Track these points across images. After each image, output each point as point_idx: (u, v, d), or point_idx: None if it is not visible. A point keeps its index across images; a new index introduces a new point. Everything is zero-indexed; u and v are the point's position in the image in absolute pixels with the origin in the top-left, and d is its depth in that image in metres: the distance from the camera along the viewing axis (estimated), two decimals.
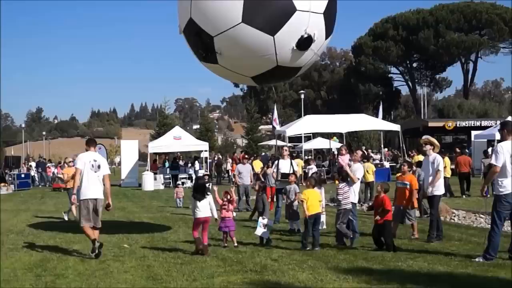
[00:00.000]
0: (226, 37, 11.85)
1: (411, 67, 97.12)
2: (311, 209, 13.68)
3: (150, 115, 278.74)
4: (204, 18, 12.08)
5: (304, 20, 11.87)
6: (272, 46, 11.91)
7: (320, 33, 12.39)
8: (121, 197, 33.85)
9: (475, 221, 18.46)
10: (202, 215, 13.47)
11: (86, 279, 10.62)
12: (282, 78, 15.08)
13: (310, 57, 12.85)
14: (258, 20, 11.66)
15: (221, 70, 13.21)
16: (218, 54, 12.23)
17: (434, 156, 14.98)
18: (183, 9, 12.74)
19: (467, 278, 10.17)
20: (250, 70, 12.89)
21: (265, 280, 10.27)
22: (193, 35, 12.55)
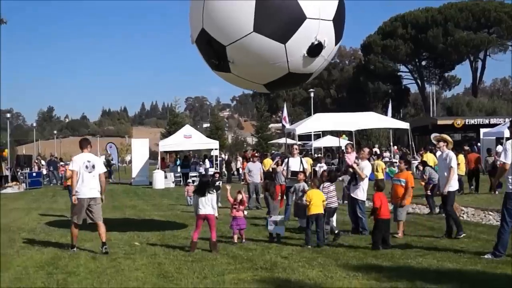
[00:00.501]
0: (238, 46, 11.95)
1: (420, 65, 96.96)
2: (313, 209, 13.83)
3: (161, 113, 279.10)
4: (216, 28, 12.19)
5: (314, 28, 11.99)
6: (284, 54, 12.02)
7: (330, 40, 12.50)
8: (132, 195, 33.94)
9: (484, 218, 18.40)
10: (203, 212, 13.56)
11: (97, 277, 10.63)
12: (294, 84, 15.29)
13: (320, 63, 12.96)
14: (269, 29, 11.78)
15: (234, 78, 13.31)
16: (230, 63, 12.34)
17: (447, 152, 14.92)
18: (195, 20, 12.81)
19: (476, 275, 10.14)
20: (262, 77, 12.99)
21: (275, 278, 10.27)
22: (205, 44, 12.65)
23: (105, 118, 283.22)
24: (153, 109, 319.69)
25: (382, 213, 13.59)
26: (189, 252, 13.11)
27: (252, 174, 23.67)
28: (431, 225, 17.08)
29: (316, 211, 13.82)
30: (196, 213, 13.73)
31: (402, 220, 15.14)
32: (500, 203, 11.99)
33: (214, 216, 13.74)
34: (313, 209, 13.81)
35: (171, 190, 38.32)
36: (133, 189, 40.36)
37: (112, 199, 31.05)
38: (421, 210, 21.29)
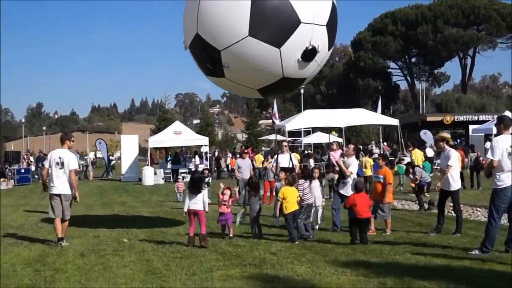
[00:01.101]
0: (233, 50, 11.96)
1: (409, 62, 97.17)
2: (289, 207, 13.98)
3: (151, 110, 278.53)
4: (211, 32, 12.18)
5: (308, 32, 12.05)
6: (278, 58, 12.04)
7: (324, 45, 12.56)
8: (121, 192, 33.88)
9: (472, 215, 18.50)
10: (193, 207, 13.66)
11: (85, 274, 10.60)
12: (287, 89, 15.22)
13: (314, 68, 13.00)
14: (264, 33, 11.80)
15: (228, 84, 13.32)
16: (225, 68, 12.34)
17: (448, 150, 14.91)
18: (189, 25, 12.80)
19: (463, 271, 10.17)
20: (256, 82, 13.00)
21: (263, 274, 10.26)
22: (200, 50, 12.62)
23: (94, 114, 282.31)
24: (143, 105, 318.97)
25: (360, 213, 13.65)
26: (188, 246, 13.19)
27: (242, 170, 23.62)
28: (420, 221, 17.14)
29: (293, 209, 14.02)
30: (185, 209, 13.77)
31: (387, 218, 15.13)
32: (488, 200, 12.03)
33: (204, 211, 13.80)
34: (289, 207, 13.99)
35: (161, 186, 38.29)
36: (122, 185, 40.30)
37: (101, 196, 31.04)
38: (410, 207, 21.36)
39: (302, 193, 14.68)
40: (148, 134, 77.26)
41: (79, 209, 22.41)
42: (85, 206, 24.64)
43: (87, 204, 25.66)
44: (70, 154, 14.30)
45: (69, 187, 14.12)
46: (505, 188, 11.50)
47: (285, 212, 14.02)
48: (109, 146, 67.97)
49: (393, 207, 21.13)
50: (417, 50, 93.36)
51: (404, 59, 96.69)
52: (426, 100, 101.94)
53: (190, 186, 14.05)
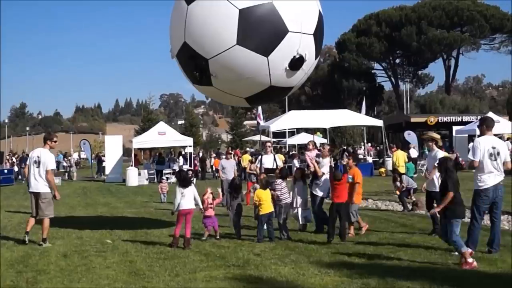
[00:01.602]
0: (221, 59, 12.00)
1: (394, 63, 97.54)
2: (264, 209, 14.15)
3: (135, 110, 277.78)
4: (199, 41, 12.20)
5: (296, 41, 12.13)
6: (266, 67, 12.09)
7: (311, 53, 12.64)
8: (105, 193, 33.76)
9: None
10: (186, 206, 13.63)
11: (67, 275, 10.55)
12: (274, 98, 15.23)
13: (301, 76, 13.06)
14: (252, 42, 11.85)
15: (215, 92, 13.34)
16: (213, 77, 12.40)
17: (435, 151, 14.90)
18: (176, 34, 12.81)
19: (447, 271, 10.21)
20: (244, 91, 13.04)
21: (247, 275, 10.25)
22: (187, 58, 12.63)
23: (78, 114, 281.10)
24: (128, 105, 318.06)
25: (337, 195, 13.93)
26: (172, 248, 13.16)
27: (226, 171, 23.56)
28: (403, 222, 17.16)
29: (268, 210, 14.19)
30: (177, 209, 13.71)
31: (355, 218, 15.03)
32: (470, 201, 12.08)
33: (198, 209, 14.08)
34: (264, 209, 14.14)
35: (145, 187, 38.17)
36: (106, 186, 40.16)
37: (85, 196, 30.93)
38: (394, 207, 21.41)
39: (280, 192, 14.72)
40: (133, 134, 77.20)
41: (62, 210, 22.34)
42: (69, 206, 24.56)
43: (70, 204, 25.58)
44: (49, 154, 14.27)
45: (47, 186, 14.09)
46: (486, 189, 11.58)
47: (260, 214, 14.20)
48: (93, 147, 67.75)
49: (376, 208, 21.26)
50: (401, 51, 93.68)
51: (389, 60, 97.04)
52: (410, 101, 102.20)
53: (180, 182, 14.05)
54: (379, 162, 47.15)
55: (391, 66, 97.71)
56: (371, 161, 45.70)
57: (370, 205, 22.60)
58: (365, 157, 46.84)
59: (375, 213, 19.66)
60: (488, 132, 11.93)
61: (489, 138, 11.81)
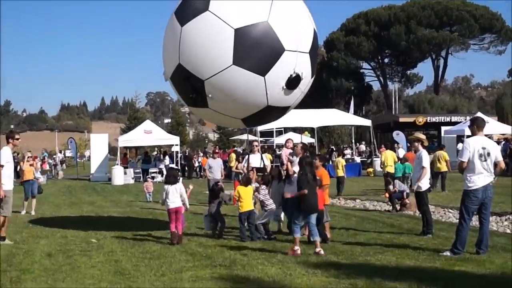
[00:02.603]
0: (217, 80, 12.06)
1: (382, 63, 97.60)
2: (244, 206, 14.27)
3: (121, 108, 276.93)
4: (194, 62, 12.26)
5: (292, 60, 12.24)
6: (263, 87, 12.15)
7: (307, 72, 12.74)
8: (90, 192, 33.70)
9: (443, 216, 18.58)
10: (173, 205, 13.80)
11: (52, 274, 10.51)
12: (271, 118, 14.94)
13: (298, 95, 13.11)
14: (249, 62, 11.94)
15: (211, 114, 13.37)
16: (209, 98, 12.40)
17: (420, 151, 15.04)
18: (170, 55, 12.82)
19: (434, 272, 10.23)
20: (240, 112, 13.10)
21: (234, 275, 10.25)
22: (182, 80, 12.61)
23: (64, 112, 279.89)
24: (113, 104, 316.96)
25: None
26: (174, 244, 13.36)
27: (213, 170, 23.52)
28: (391, 222, 17.21)
29: (247, 208, 14.31)
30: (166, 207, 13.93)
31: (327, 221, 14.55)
32: (459, 201, 12.14)
33: (183, 209, 14.14)
34: (244, 207, 14.27)
35: (130, 186, 38.13)
36: (91, 185, 40.09)
37: (70, 195, 30.86)
38: (381, 208, 21.45)
39: (264, 198, 14.66)
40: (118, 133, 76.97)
41: (47, 209, 22.33)
42: (53, 205, 24.51)
43: (55, 203, 25.52)
44: (3, 151, 14.14)
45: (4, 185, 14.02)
46: (475, 190, 11.60)
47: (240, 211, 14.31)
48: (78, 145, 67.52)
49: (364, 208, 21.31)
50: (390, 51, 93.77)
51: (377, 60, 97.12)
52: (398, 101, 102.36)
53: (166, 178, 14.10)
54: (367, 162, 47.26)
55: (380, 66, 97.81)
56: (359, 161, 45.81)
57: (358, 205, 22.68)
58: (353, 157, 46.92)
59: (362, 214, 19.71)
60: (479, 132, 11.96)
61: (479, 139, 11.84)
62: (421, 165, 14.74)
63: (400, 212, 19.75)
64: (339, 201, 24.18)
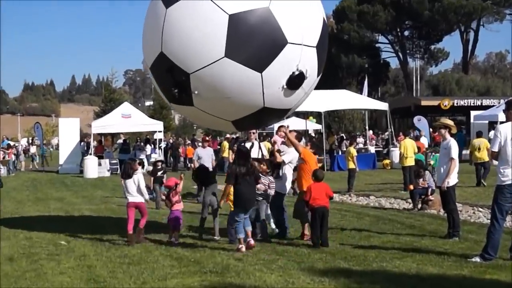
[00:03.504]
0: (205, 74, 11.85)
1: (402, 36, 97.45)
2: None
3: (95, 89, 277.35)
4: (179, 52, 12.05)
5: (296, 55, 11.98)
6: (260, 85, 11.94)
7: (313, 70, 12.51)
8: (59, 186, 33.71)
9: (472, 216, 18.58)
10: (131, 200, 14.40)
11: (14, 282, 10.55)
12: (267, 121, 15.08)
13: (300, 97, 12.92)
14: (243, 54, 11.72)
15: (196, 113, 13.20)
16: (194, 95, 12.18)
17: (448, 140, 14.78)
18: (151, 41, 12.64)
19: (461, 281, 10.25)
20: (231, 113, 12.90)
21: (227, 283, 10.29)
22: (164, 72, 12.44)
23: (27, 93, 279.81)
24: (86, 83, 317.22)
25: (318, 202, 13.72)
26: (129, 246, 13.21)
27: (202, 161, 23.58)
28: (411, 223, 17.21)
29: None
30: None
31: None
32: (491, 198, 12.11)
33: (144, 202, 14.55)
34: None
35: (106, 179, 38.12)
36: (60, 178, 40.06)
37: (35, 190, 30.88)
38: (399, 205, 21.48)
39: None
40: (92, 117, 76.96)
41: (8, 206, 22.37)
42: (15, 201, 24.54)
43: (17, 199, 25.55)
44: None
45: None
46: (510, 185, 11.53)
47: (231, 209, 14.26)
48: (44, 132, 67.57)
49: (380, 206, 21.34)
50: (410, 22, 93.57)
51: (396, 32, 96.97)
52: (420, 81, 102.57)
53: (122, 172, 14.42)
54: (383, 152, 47.28)
55: (399, 39, 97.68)
56: (373, 151, 45.76)
57: (372, 202, 22.71)
58: (367, 147, 46.90)
59: (377, 212, 19.73)
60: None
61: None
62: (450, 156, 14.49)
63: (421, 211, 19.75)
64: (350, 198, 24.22)
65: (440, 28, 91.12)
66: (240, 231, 13.02)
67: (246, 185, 12.98)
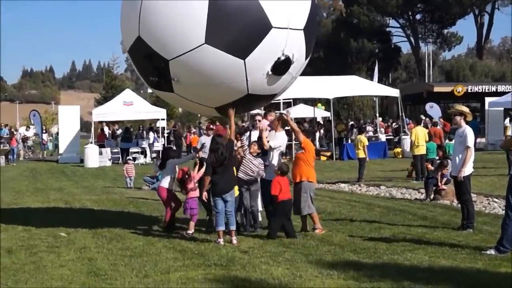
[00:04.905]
0: (185, 61, 11.67)
1: (414, 20, 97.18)
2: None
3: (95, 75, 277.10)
4: (157, 37, 11.86)
5: (281, 39, 11.80)
6: (243, 72, 11.78)
7: (300, 53, 12.33)
8: (58, 176, 33.76)
9: (487, 206, 18.52)
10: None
11: (13, 275, 10.56)
12: (253, 107, 15.14)
13: (287, 82, 12.77)
14: (225, 41, 11.55)
15: (177, 100, 13.10)
16: (174, 82, 12.00)
17: (463, 128, 14.57)
18: (128, 24, 12.44)
19: (475, 274, 10.23)
20: (213, 100, 12.77)
21: (232, 276, 10.28)
22: (142, 57, 12.28)
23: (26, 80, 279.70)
24: (86, 69, 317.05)
25: (281, 195, 13.73)
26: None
27: (207, 150, 23.52)
28: (423, 214, 17.18)
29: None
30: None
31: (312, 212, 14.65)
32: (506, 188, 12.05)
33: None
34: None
35: (107, 169, 38.17)
36: (60, 167, 40.13)
37: (34, 180, 30.92)
38: (411, 196, 21.44)
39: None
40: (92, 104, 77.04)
41: (6, 196, 22.40)
42: (14, 192, 24.58)
43: (16, 190, 25.59)
44: None
45: None
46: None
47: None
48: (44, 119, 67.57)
49: (391, 196, 21.30)
50: (423, 5, 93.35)
51: (407, 16, 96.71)
52: (433, 67, 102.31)
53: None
54: (394, 141, 47.21)
55: (410, 23, 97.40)
56: (384, 139, 45.67)
57: (383, 193, 22.68)
58: (377, 135, 46.83)
59: (388, 203, 19.69)
60: None
61: None
62: (466, 144, 14.34)
63: (434, 201, 19.70)
64: (359, 188, 24.19)
65: (454, 12, 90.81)
66: (219, 224, 13.09)
67: (220, 174, 13.08)
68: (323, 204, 17.34)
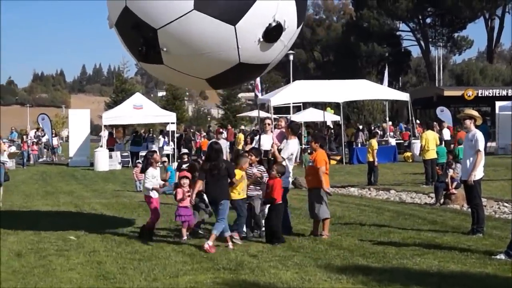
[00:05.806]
0: (174, 29, 11.48)
1: (424, 24, 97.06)
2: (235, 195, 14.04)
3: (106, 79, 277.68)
4: (144, 6, 11.65)
5: (272, 5, 11.62)
6: (233, 39, 11.61)
7: (291, 20, 12.17)
8: (69, 179, 33.80)
9: (497, 211, 18.50)
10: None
11: (22, 278, 10.58)
12: (245, 78, 14.92)
13: (279, 50, 12.59)
14: (214, 6, 11.35)
15: (167, 72, 12.83)
16: (163, 52, 11.84)
17: (473, 132, 14.57)
18: None
19: (485, 279, 10.22)
20: (204, 70, 12.54)
21: (240, 280, 10.30)
22: (129, 28, 12.16)
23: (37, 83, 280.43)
24: (96, 73, 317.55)
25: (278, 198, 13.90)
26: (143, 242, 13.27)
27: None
28: (433, 218, 17.15)
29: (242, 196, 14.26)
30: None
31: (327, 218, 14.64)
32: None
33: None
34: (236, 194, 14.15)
35: (117, 173, 38.20)
36: (70, 171, 40.18)
37: (44, 183, 30.97)
38: (421, 200, 21.41)
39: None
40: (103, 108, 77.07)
41: (16, 199, 22.44)
42: (24, 195, 24.61)
43: (26, 193, 25.63)
44: None
45: None
46: None
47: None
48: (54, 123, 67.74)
49: (400, 200, 21.27)
50: (433, 9, 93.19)
51: (417, 20, 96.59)
52: (443, 71, 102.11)
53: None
54: (404, 145, 47.13)
55: (421, 27, 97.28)
56: (394, 143, 45.58)
57: (392, 197, 22.65)
58: (387, 139, 46.75)
59: (398, 207, 19.67)
60: None
61: None
62: (476, 148, 14.33)
63: (443, 205, 19.66)
64: (369, 192, 24.17)
65: (464, 15, 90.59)
66: (225, 230, 13.33)
67: (211, 182, 13.32)
68: (333, 208, 17.27)
